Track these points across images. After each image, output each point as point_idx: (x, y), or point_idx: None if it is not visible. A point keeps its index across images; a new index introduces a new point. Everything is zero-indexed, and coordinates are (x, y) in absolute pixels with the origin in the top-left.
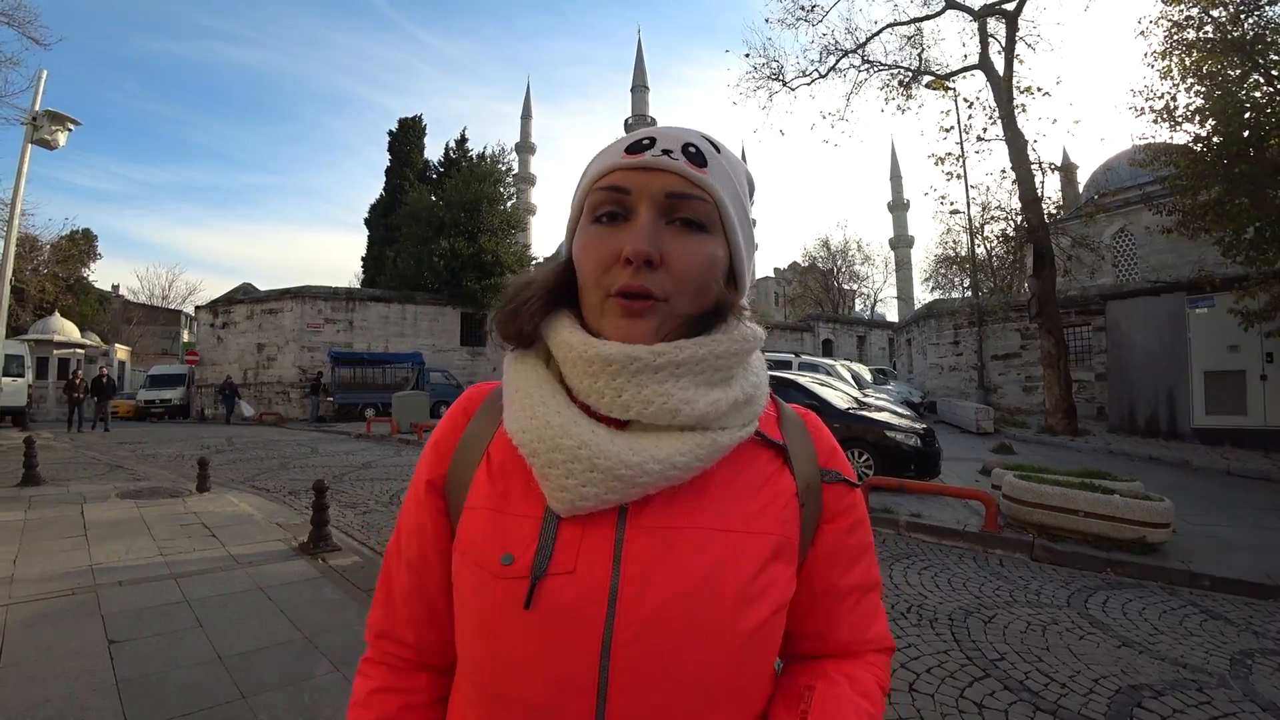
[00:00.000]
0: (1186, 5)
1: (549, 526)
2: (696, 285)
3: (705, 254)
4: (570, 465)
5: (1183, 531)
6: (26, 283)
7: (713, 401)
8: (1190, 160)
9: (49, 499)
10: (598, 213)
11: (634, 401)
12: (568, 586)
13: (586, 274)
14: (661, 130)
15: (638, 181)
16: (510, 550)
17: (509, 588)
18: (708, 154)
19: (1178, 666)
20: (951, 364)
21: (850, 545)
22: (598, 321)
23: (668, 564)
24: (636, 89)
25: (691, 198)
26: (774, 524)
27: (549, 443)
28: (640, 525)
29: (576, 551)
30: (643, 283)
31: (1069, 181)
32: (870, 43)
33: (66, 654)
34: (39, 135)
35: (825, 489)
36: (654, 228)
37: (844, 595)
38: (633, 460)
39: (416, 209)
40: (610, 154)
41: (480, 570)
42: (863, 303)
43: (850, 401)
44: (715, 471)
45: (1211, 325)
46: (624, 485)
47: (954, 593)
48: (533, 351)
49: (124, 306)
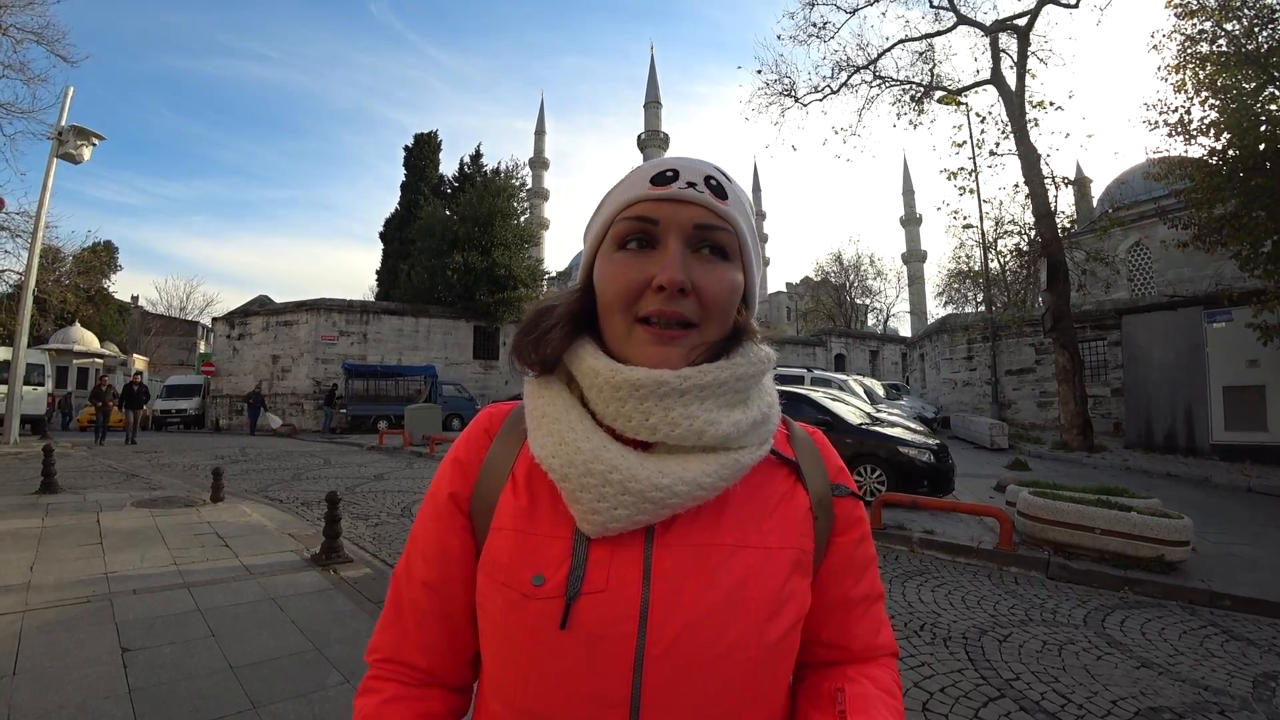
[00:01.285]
0: (1200, 19)
1: (579, 547)
2: (723, 311)
3: (730, 281)
4: (602, 489)
5: (1203, 550)
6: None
7: (735, 422)
8: (1205, 173)
9: (66, 507)
10: (624, 240)
11: (661, 424)
12: (600, 605)
13: (612, 299)
14: (682, 162)
15: (666, 213)
16: (541, 571)
17: (542, 608)
18: (726, 186)
19: (1199, 689)
20: (965, 379)
21: (859, 557)
22: (622, 346)
23: (695, 581)
24: (649, 105)
25: (717, 228)
26: (792, 539)
27: (580, 468)
28: (667, 544)
29: (607, 570)
30: (677, 308)
31: (1083, 195)
32: (882, 58)
33: (81, 661)
34: (64, 150)
35: (836, 503)
36: (684, 257)
37: (855, 605)
38: (663, 483)
39: (431, 223)
40: (635, 185)
41: (509, 591)
42: (875, 317)
43: (863, 417)
44: (734, 489)
45: (1230, 339)
46: (655, 507)
47: (968, 611)
48: (554, 376)
49: (142, 317)
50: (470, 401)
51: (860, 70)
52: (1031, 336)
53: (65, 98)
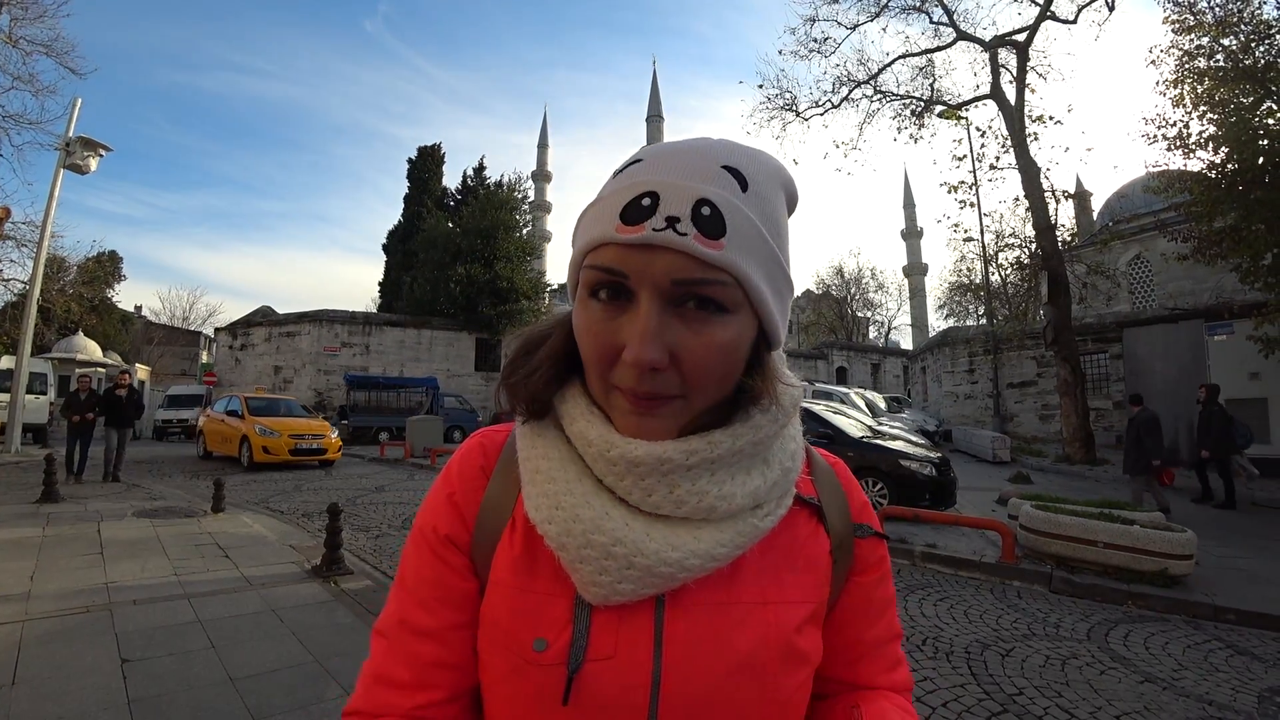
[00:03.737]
0: (1197, 35)
1: (582, 610)
2: (717, 378)
3: (722, 344)
4: (604, 563)
5: (1206, 563)
6: (53, 302)
7: (751, 491)
8: (1205, 187)
9: (67, 516)
10: (594, 289)
11: (665, 502)
12: (607, 673)
13: (588, 360)
14: (668, 176)
15: (636, 264)
16: (543, 634)
17: (543, 677)
18: (726, 210)
19: (1203, 704)
20: (967, 392)
21: (877, 599)
22: (605, 407)
23: (711, 644)
24: (651, 119)
25: (706, 282)
26: (811, 591)
27: (579, 538)
28: (680, 604)
29: (615, 635)
30: (650, 388)
31: (1083, 209)
32: (882, 73)
33: (80, 671)
34: (71, 160)
35: (857, 544)
36: (659, 323)
37: (869, 648)
38: (672, 557)
39: (434, 235)
40: (602, 217)
41: (510, 654)
42: (877, 330)
43: (864, 430)
44: None
45: (1231, 352)
46: (662, 581)
47: (970, 625)
48: (548, 423)
49: (145, 327)
50: (472, 414)
51: (861, 85)
52: (1033, 349)
53: (74, 109)
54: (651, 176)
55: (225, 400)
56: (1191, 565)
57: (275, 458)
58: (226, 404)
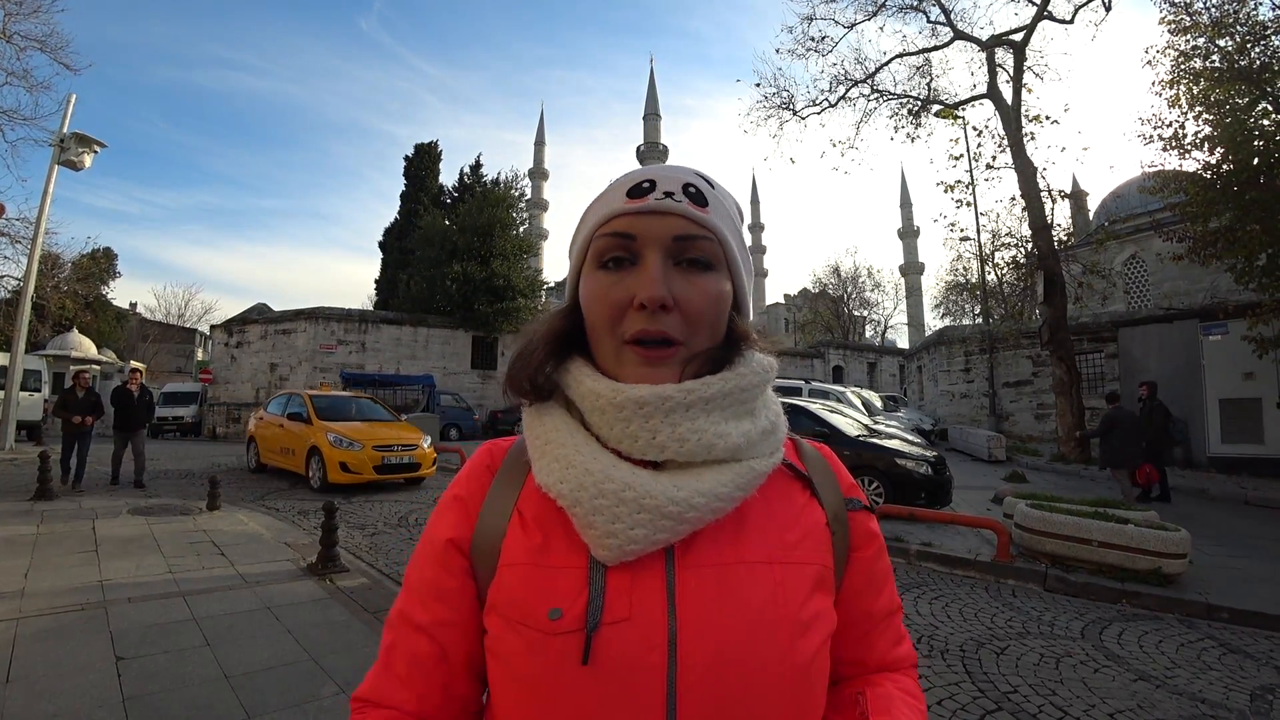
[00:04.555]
0: (1193, 35)
1: (596, 575)
2: (709, 323)
3: (714, 292)
4: (616, 509)
5: (1200, 562)
6: (47, 299)
7: (744, 433)
8: (1200, 187)
9: (61, 514)
10: (604, 258)
11: (670, 441)
12: (625, 635)
13: (599, 321)
14: (659, 172)
15: (643, 227)
16: (557, 604)
17: (563, 644)
18: (706, 192)
19: (1196, 701)
20: (963, 391)
21: (878, 571)
22: (614, 368)
23: (723, 602)
24: (649, 117)
25: (697, 238)
26: (813, 554)
27: (592, 489)
28: (690, 565)
29: (629, 597)
30: (660, 327)
31: (1079, 208)
32: (880, 73)
33: (74, 669)
34: (66, 156)
35: (851, 517)
36: (664, 272)
37: (877, 620)
38: (679, 496)
39: (430, 233)
40: (611, 199)
41: (527, 629)
42: (873, 329)
43: (860, 429)
44: (752, 506)
45: (1226, 352)
46: (673, 523)
47: (965, 623)
48: (552, 402)
49: (140, 324)
50: (468, 411)
51: (858, 84)
52: (1029, 349)
53: (68, 105)
54: (647, 172)
55: (282, 399)
56: (1185, 564)
57: (358, 477)
58: (285, 404)
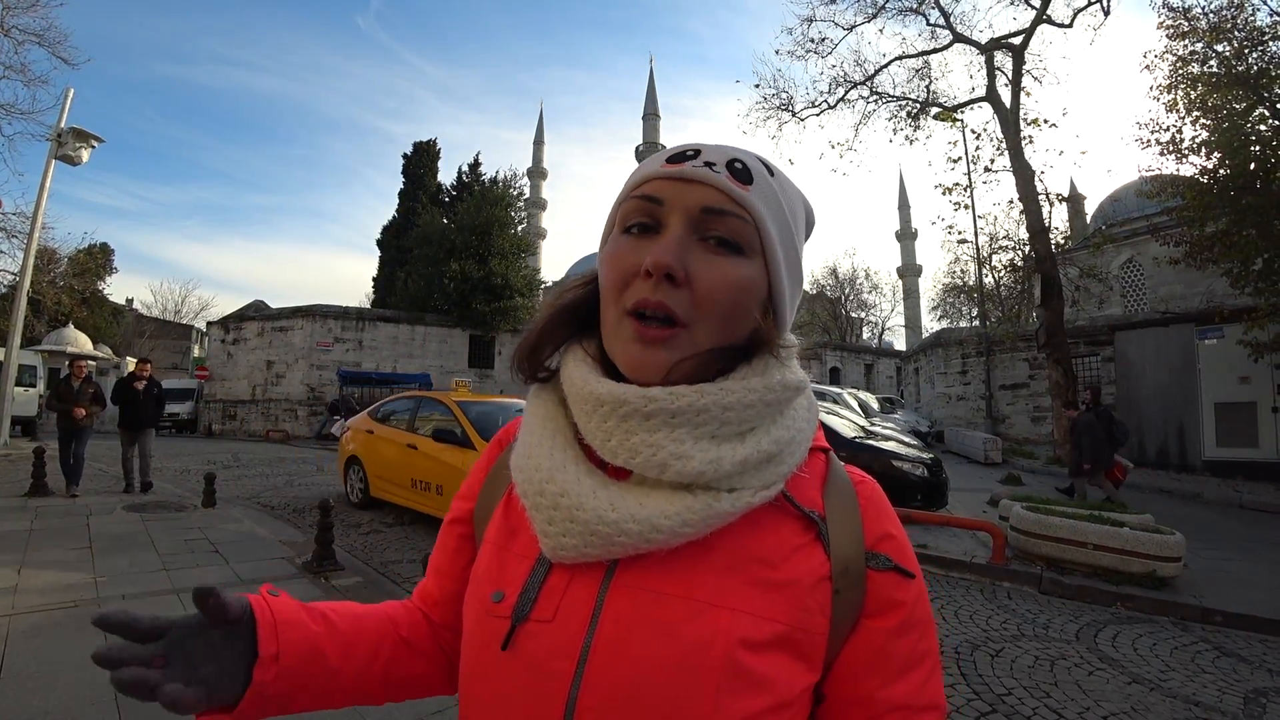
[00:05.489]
0: (1191, 40)
1: (539, 570)
2: (722, 310)
3: (735, 276)
4: (551, 513)
5: (1194, 566)
6: (43, 294)
7: (712, 460)
8: (1197, 192)
9: (55, 510)
10: (628, 223)
11: (620, 449)
12: (542, 635)
13: (607, 287)
14: (709, 145)
15: (672, 192)
16: (502, 588)
17: (494, 626)
18: (756, 172)
19: (1190, 705)
20: (959, 393)
21: (898, 652)
22: (610, 342)
23: (647, 631)
24: (648, 117)
25: (729, 214)
26: (785, 611)
27: (535, 486)
28: (625, 584)
29: (559, 602)
30: (661, 298)
31: (1076, 212)
32: (879, 75)
33: (67, 666)
34: (63, 151)
35: (870, 576)
36: (683, 241)
37: (883, 713)
38: (609, 517)
39: (428, 231)
40: (652, 163)
41: (475, 604)
42: (870, 331)
43: (857, 430)
44: (725, 536)
45: (1221, 356)
46: (602, 542)
47: (960, 625)
48: (550, 385)
49: (137, 320)
50: None
51: (857, 86)
52: (1025, 352)
53: (65, 99)
54: (695, 144)
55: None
56: (1180, 567)
57: None
58: (413, 412)
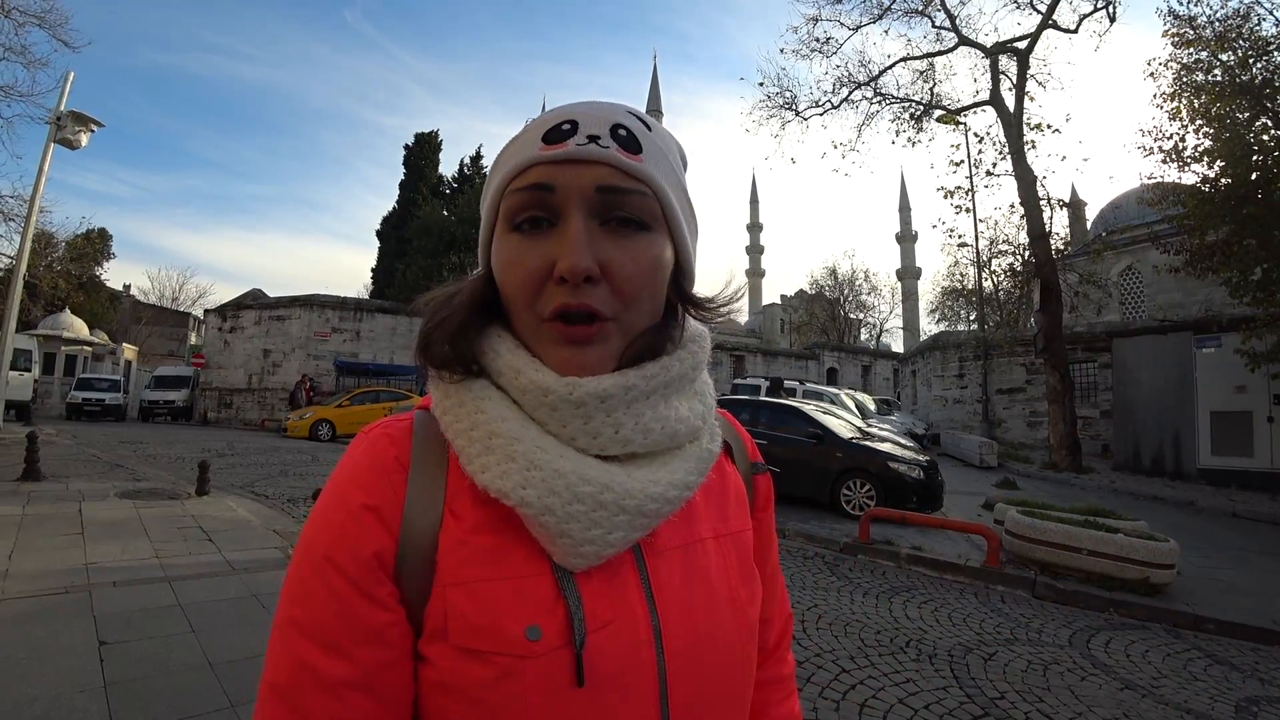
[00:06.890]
0: (1196, 49)
1: (566, 581)
2: (647, 295)
3: (649, 257)
4: (595, 514)
5: (1187, 573)
6: (40, 278)
7: (699, 413)
8: (1198, 200)
9: (48, 495)
10: (517, 219)
11: (634, 433)
12: (612, 639)
13: (514, 295)
14: (583, 109)
15: (563, 177)
16: (533, 621)
17: (545, 666)
18: (640, 135)
19: (1181, 712)
20: (956, 397)
21: (770, 530)
22: (533, 346)
23: (692, 584)
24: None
25: (628, 191)
26: (745, 520)
27: (565, 494)
28: (657, 551)
29: (608, 599)
30: (583, 300)
31: (1077, 218)
32: (883, 76)
33: (56, 653)
34: (62, 134)
35: (756, 480)
36: (589, 234)
37: (772, 576)
38: (655, 491)
39: (428, 223)
40: (525, 144)
41: (499, 657)
42: (868, 332)
43: (854, 431)
44: None
45: (1218, 365)
46: (649, 520)
47: (954, 628)
48: (484, 382)
49: (133, 306)
50: None
51: (861, 86)
52: (1023, 356)
53: (65, 82)
54: (568, 111)
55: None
56: (1173, 575)
57: None
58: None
